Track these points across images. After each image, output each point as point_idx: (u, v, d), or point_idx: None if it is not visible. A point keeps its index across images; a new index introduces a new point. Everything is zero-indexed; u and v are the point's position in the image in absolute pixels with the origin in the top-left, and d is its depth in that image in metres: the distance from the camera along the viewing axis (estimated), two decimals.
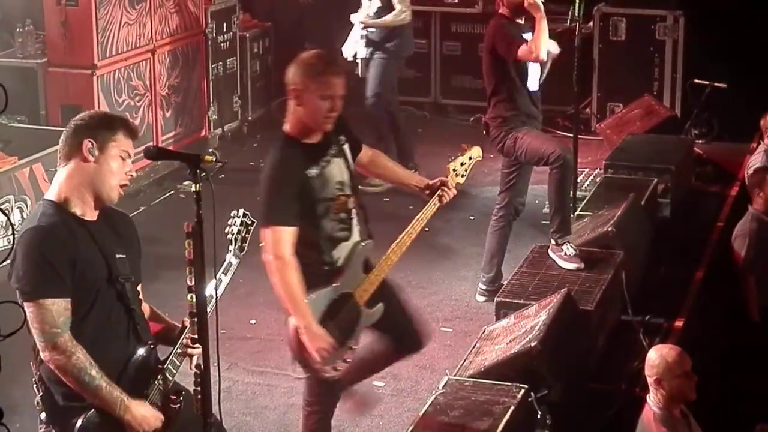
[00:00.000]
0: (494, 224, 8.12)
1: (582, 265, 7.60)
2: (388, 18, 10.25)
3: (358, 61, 10.40)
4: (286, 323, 5.37)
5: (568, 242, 7.74)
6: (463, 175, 5.78)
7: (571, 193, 8.32)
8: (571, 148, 8.12)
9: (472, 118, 11.83)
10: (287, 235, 5.20)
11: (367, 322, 5.54)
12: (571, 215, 8.14)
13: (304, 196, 5.25)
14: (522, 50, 7.61)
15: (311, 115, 5.28)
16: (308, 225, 5.28)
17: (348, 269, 5.41)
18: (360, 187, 10.25)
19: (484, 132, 8.05)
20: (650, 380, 5.64)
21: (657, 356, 5.66)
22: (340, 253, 5.39)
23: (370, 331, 5.69)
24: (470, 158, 5.83)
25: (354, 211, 5.45)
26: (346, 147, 5.48)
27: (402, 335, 5.73)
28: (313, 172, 5.27)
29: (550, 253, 7.80)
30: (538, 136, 7.84)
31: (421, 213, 5.59)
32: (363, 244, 5.48)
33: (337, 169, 5.38)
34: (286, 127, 5.36)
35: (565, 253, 7.69)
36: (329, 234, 5.35)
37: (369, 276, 5.45)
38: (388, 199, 9.60)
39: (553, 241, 7.80)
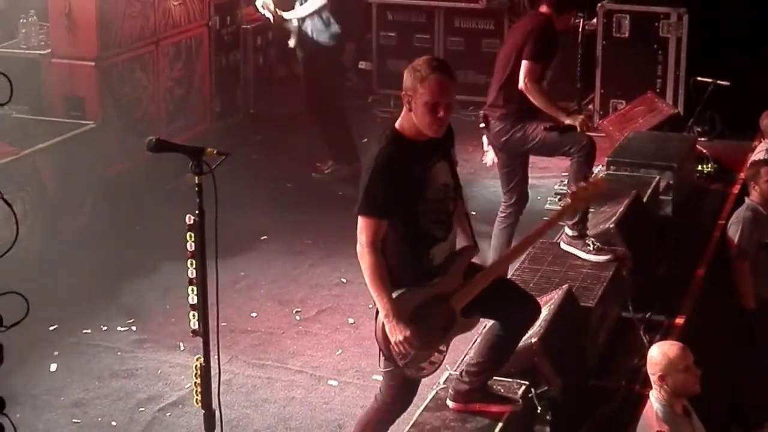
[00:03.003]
0: (502, 221, 8.09)
1: (612, 257, 7.58)
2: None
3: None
4: (376, 316, 5.29)
5: (588, 235, 7.71)
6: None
7: None
8: (591, 135, 7.99)
9: (473, 117, 11.82)
10: (378, 226, 5.14)
11: (460, 330, 5.48)
12: None
13: (406, 192, 5.18)
14: (531, 71, 7.62)
15: (419, 120, 5.19)
16: (406, 222, 5.22)
17: (446, 272, 5.34)
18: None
19: (483, 124, 8.01)
20: (653, 377, 5.65)
21: (659, 353, 5.67)
22: (437, 252, 5.32)
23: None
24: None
25: (454, 216, 5.39)
26: (452, 153, 5.43)
27: (518, 314, 5.61)
28: (418, 170, 5.21)
29: (568, 248, 7.73)
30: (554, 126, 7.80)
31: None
32: (466, 248, 5.44)
33: (443, 172, 5.32)
34: (398, 123, 5.29)
35: (593, 248, 7.62)
36: (427, 233, 5.28)
37: (469, 283, 5.38)
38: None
39: (574, 233, 7.70)
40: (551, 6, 7.86)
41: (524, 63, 7.67)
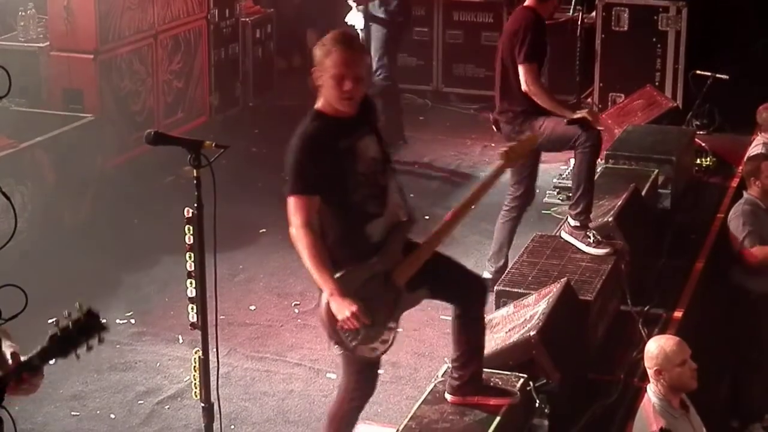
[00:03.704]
0: (505, 215, 8.07)
1: (611, 250, 7.58)
2: None
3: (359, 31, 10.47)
4: (318, 300, 5.27)
5: (589, 227, 7.71)
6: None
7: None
8: (598, 128, 7.96)
9: (472, 110, 11.84)
10: (310, 204, 5.11)
11: (408, 305, 5.43)
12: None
13: (334, 167, 5.16)
14: (530, 73, 7.59)
15: (329, 95, 5.19)
16: (339, 198, 5.20)
17: (385, 247, 5.30)
18: None
19: (495, 129, 8.01)
20: (650, 371, 5.66)
21: (656, 347, 5.68)
22: (374, 229, 5.28)
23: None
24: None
25: (388, 189, 5.35)
26: (378, 129, 5.41)
27: (465, 291, 5.59)
28: (343, 144, 5.19)
29: (568, 237, 7.72)
30: (560, 120, 7.82)
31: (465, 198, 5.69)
32: (402, 223, 5.40)
33: (371, 145, 5.30)
34: (318, 103, 5.27)
35: (593, 240, 7.62)
36: (361, 208, 5.25)
37: (409, 257, 5.35)
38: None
39: (576, 223, 7.69)
40: None
41: (520, 68, 7.63)
